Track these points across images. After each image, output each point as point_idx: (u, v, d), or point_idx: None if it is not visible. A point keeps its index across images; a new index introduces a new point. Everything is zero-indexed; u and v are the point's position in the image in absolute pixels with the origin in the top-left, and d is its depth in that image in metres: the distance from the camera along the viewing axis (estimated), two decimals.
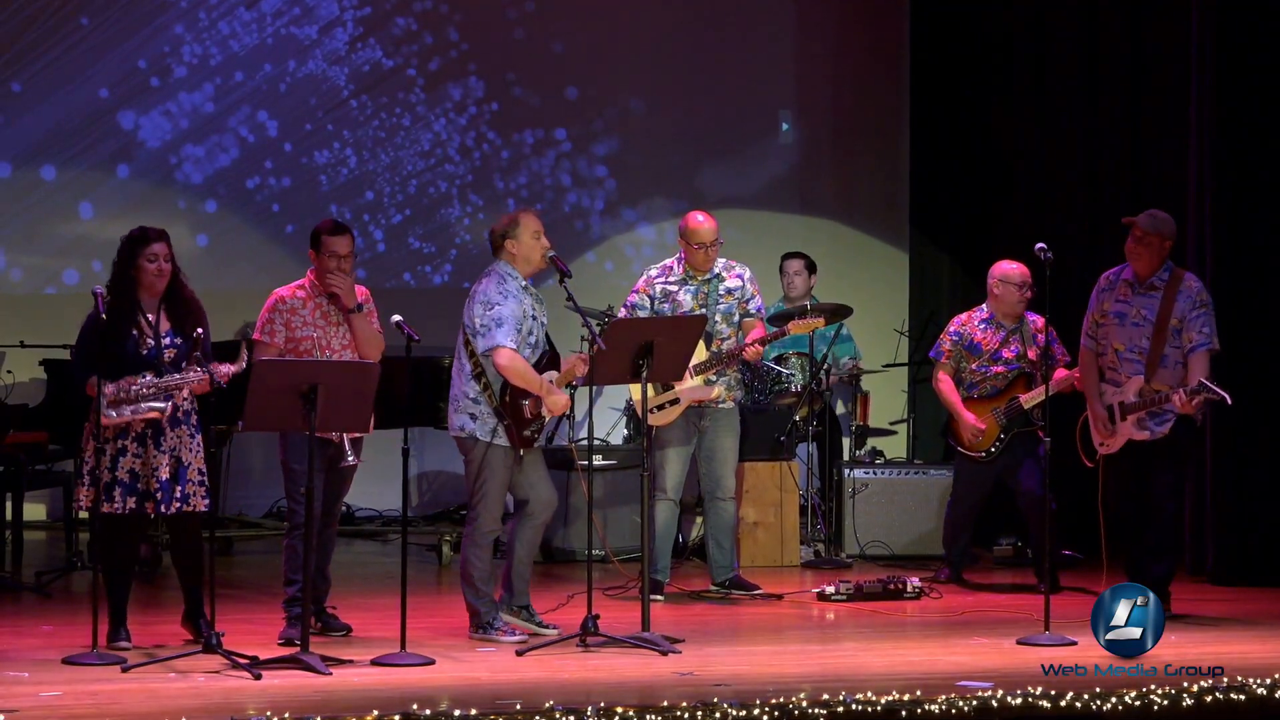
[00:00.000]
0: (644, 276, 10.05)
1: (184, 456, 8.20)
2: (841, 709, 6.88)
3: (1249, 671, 7.51)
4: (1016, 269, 10.32)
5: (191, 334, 8.16)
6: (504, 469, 8.56)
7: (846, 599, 9.82)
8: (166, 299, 8.27)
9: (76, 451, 8.41)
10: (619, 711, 6.75)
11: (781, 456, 11.35)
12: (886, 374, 12.90)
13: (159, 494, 8.13)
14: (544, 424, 8.66)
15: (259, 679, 7.56)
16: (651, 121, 13.86)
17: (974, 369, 10.39)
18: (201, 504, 8.25)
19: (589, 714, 6.72)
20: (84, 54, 13.00)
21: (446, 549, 11.35)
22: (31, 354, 11.84)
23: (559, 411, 8.63)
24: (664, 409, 9.80)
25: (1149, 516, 9.20)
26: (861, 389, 12.34)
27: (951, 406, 10.42)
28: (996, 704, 7.03)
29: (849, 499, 11.58)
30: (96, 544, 8.69)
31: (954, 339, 10.47)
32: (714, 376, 9.88)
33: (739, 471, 10.24)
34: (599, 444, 11.52)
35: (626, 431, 12.07)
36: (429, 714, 6.69)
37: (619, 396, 11.84)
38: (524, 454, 8.57)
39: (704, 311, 9.79)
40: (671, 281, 9.94)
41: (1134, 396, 9.18)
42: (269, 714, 6.65)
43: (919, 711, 6.89)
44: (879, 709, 6.90)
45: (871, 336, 12.94)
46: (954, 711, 6.92)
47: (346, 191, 13.44)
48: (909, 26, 13.87)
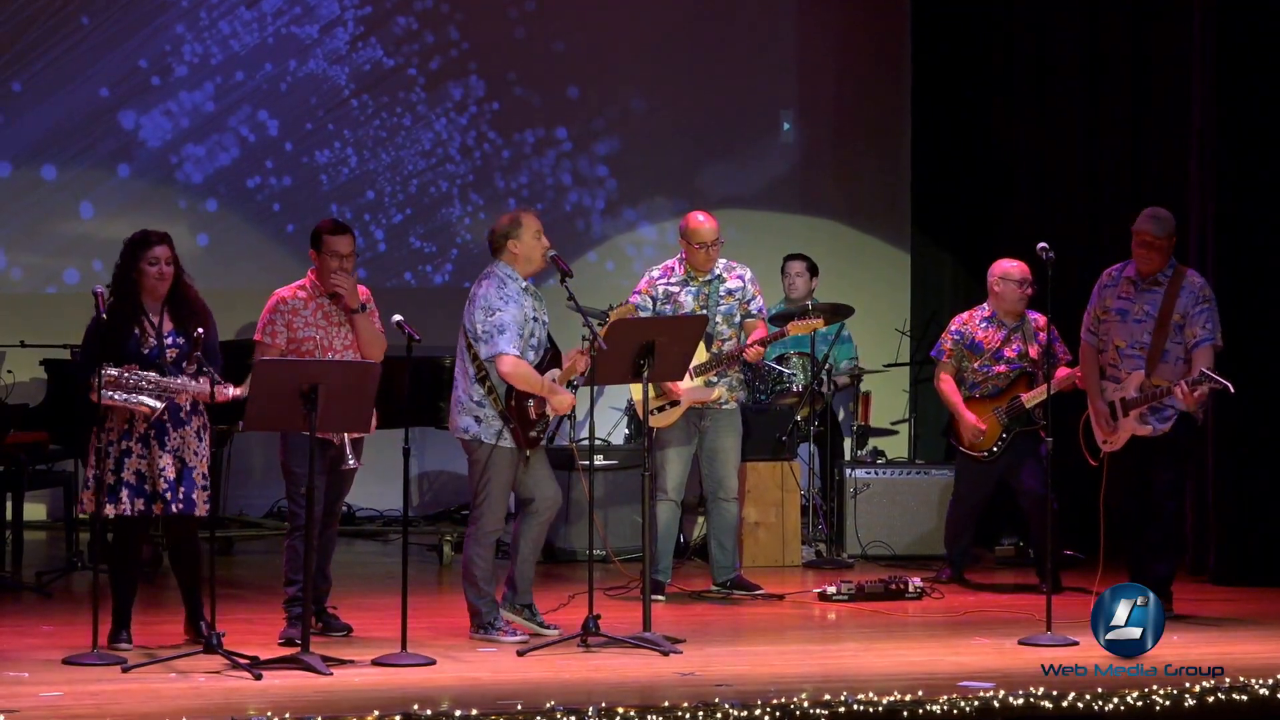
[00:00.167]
0: (645, 277, 10.05)
1: (188, 458, 8.21)
2: (843, 709, 6.88)
3: (1250, 672, 7.51)
4: (1017, 266, 10.33)
5: (193, 334, 8.16)
6: (508, 470, 8.56)
7: (848, 599, 9.83)
8: (170, 301, 8.27)
9: (83, 456, 8.40)
10: (620, 712, 6.75)
11: (783, 456, 11.35)
12: (888, 374, 12.89)
13: (166, 493, 8.13)
14: (549, 423, 8.66)
15: (259, 679, 7.56)
16: (652, 121, 13.85)
17: (976, 368, 10.39)
18: (203, 508, 8.25)
19: (590, 714, 6.72)
20: (84, 53, 12.99)
21: (447, 549, 11.35)
22: (32, 354, 11.84)
23: (564, 410, 8.64)
24: (664, 410, 9.80)
25: (1150, 515, 9.21)
26: (863, 389, 12.34)
27: (953, 406, 10.42)
28: (998, 704, 7.02)
29: (850, 499, 11.58)
30: (98, 545, 8.70)
31: (955, 338, 10.47)
32: (715, 378, 9.89)
33: (741, 472, 10.24)
34: (600, 444, 11.52)
35: (627, 431, 12.07)
36: (430, 714, 6.69)
37: (620, 396, 11.84)
38: (530, 454, 8.59)
39: (705, 312, 9.79)
40: (673, 282, 9.94)
41: (1135, 392, 9.18)
42: (269, 714, 6.65)
43: (920, 712, 6.89)
44: (880, 709, 6.90)
45: (873, 336, 12.93)
46: (956, 712, 6.92)
47: (347, 191, 13.44)
48: (910, 26, 13.86)
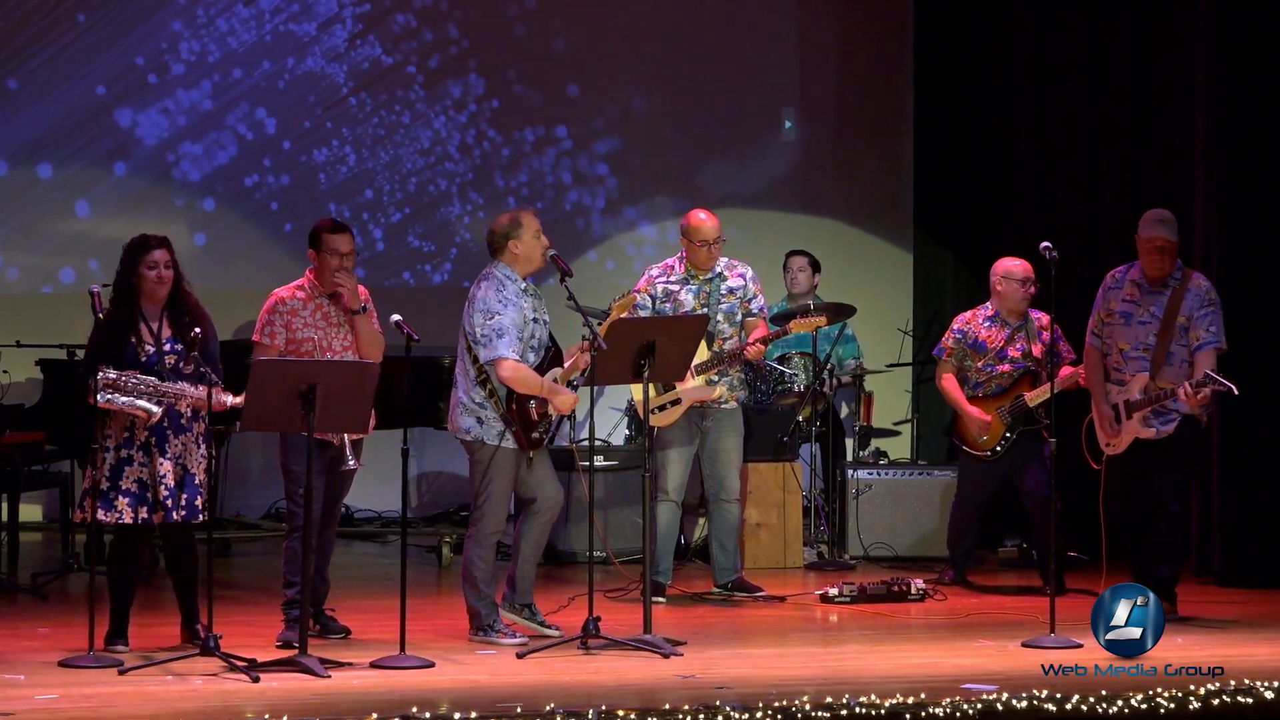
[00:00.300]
0: (645, 276, 10.04)
1: (190, 465, 8.19)
2: (845, 712, 6.87)
3: (1251, 673, 7.51)
4: (1019, 265, 10.31)
5: (190, 337, 8.14)
6: (510, 471, 8.55)
7: (850, 601, 9.82)
8: (170, 307, 8.25)
9: (81, 460, 8.38)
10: (620, 714, 6.75)
11: (784, 457, 11.34)
12: (890, 374, 12.88)
13: (167, 500, 8.12)
14: (552, 423, 8.65)
15: (257, 682, 7.56)
16: (653, 119, 13.84)
17: (979, 367, 10.38)
18: (201, 515, 8.24)
19: (590, 717, 6.72)
20: (81, 51, 12.98)
21: (446, 550, 11.35)
22: (28, 354, 11.82)
23: (566, 410, 8.62)
24: (665, 409, 9.79)
25: (1152, 517, 9.20)
26: (865, 389, 12.33)
27: (955, 403, 10.40)
28: (1001, 707, 7.02)
29: (852, 500, 11.57)
30: (95, 547, 8.69)
31: (957, 337, 10.46)
32: (716, 377, 9.88)
33: (742, 473, 10.23)
34: (600, 444, 11.51)
35: (628, 432, 12.06)
36: (429, 717, 6.69)
37: (620, 397, 11.83)
38: (533, 455, 8.59)
39: (706, 311, 9.78)
40: (673, 281, 9.93)
41: (1139, 394, 9.17)
42: (267, 717, 6.65)
43: (923, 715, 6.89)
44: (883, 712, 6.89)
45: (875, 336, 12.92)
46: (958, 715, 6.92)
47: (346, 190, 13.43)
48: (913, 23, 13.85)
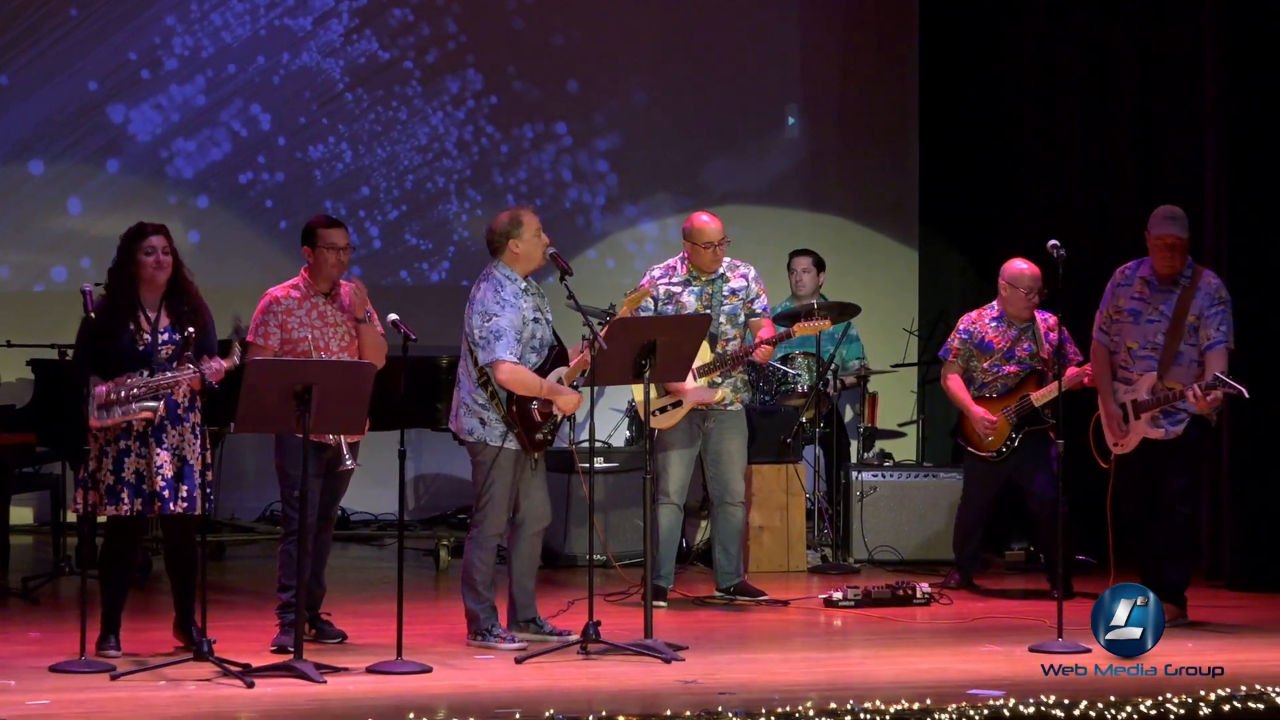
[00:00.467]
0: (646, 276, 10.02)
1: (188, 455, 8.19)
2: (849, 718, 6.87)
3: (1252, 673, 7.52)
4: (1027, 271, 10.25)
5: (186, 334, 8.14)
6: (513, 472, 8.54)
7: (854, 605, 9.81)
8: (169, 296, 8.24)
9: (73, 458, 8.38)
10: None
11: (787, 459, 11.34)
12: (895, 374, 12.88)
13: (165, 492, 8.11)
14: (557, 424, 8.63)
15: (251, 687, 7.54)
16: (654, 115, 13.84)
17: (986, 368, 10.37)
18: (202, 506, 8.23)
19: None
20: (73, 46, 12.98)
21: (444, 554, 11.35)
22: (18, 354, 11.81)
23: (570, 410, 8.61)
24: (667, 411, 9.79)
25: (1161, 519, 9.19)
26: (870, 389, 12.33)
27: (961, 403, 10.40)
28: (1008, 713, 7.01)
29: (856, 502, 11.56)
30: (86, 549, 8.67)
31: (963, 337, 10.44)
32: (719, 379, 9.86)
33: (746, 475, 10.22)
34: (600, 446, 11.51)
35: (628, 433, 12.06)
36: None
37: (621, 398, 11.83)
38: (537, 457, 8.58)
39: (708, 312, 9.76)
40: (675, 282, 9.91)
41: (1147, 394, 9.16)
42: None
43: None
44: (888, 718, 6.89)
45: (880, 336, 12.91)
46: None
47: (342, 187, 13.43)
48: (918, 17, 13.85)
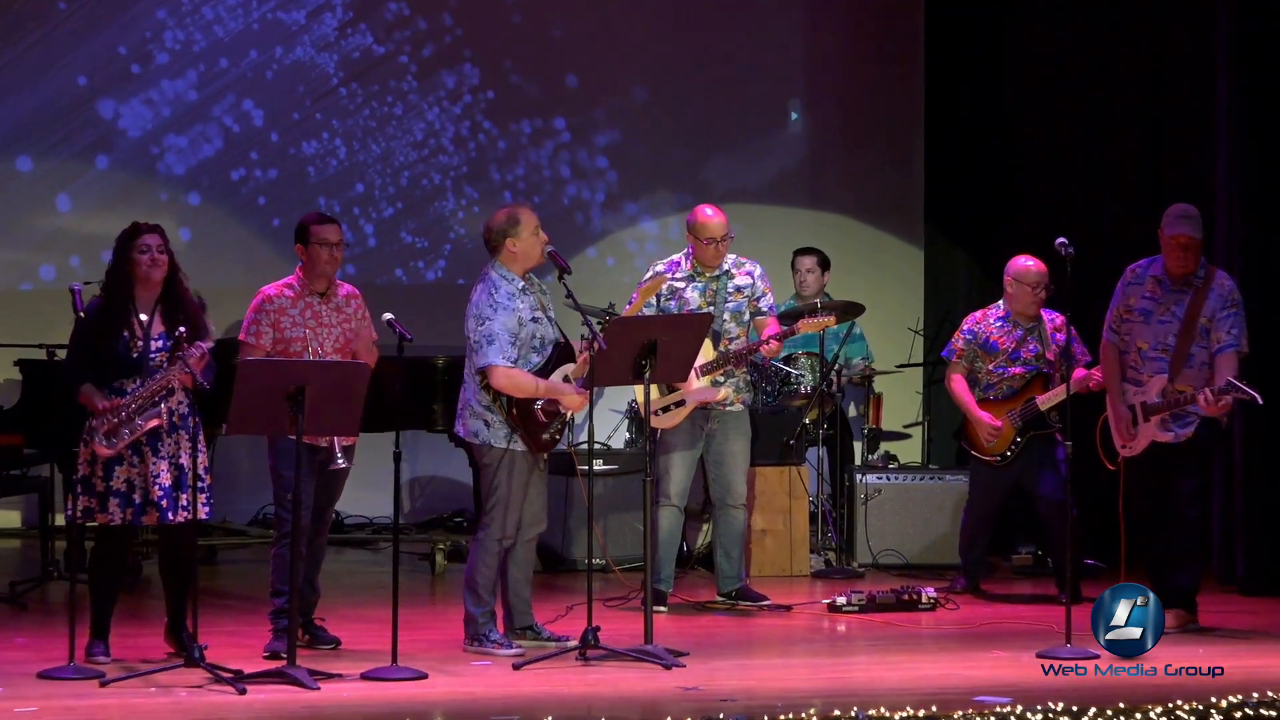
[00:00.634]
0: (650, 272, 10.01)
1: (184, 461, 8.17)
2: None
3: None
4: (1034, 267, 10.25)
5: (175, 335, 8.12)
6: (521, 474, 8.51)
7: (858, 610, 9.81)
8: (163, 299, 8.22)
9: (63, 461, 8.37)
10: None
11: (790, 461, 11.33)
12: (900, 375, 12.88)
13: (163, 501, 8.09)
14: (565, 422, 8.59)
15: (243, 694, 7.54)
16: (655, 111, 13.83)
17: (991, 369, 10.36)
18: (203, 511, 8.22)
19: None
20: (61, 39, 12.97)
21: (440, 558, 11.34)
22: (6, 353, 11.82)
23: (576, 409, 8.57)
24: (669, 411, 9.77)
25: (1171, 523, 9.18)
26: (874, 390, 12.32)
27: (965, 407, 10.39)
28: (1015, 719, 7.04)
29: (861, 505, 11.56)
30: (75, 553, 8.68)
31: (967, 338, 10.43)
32: (722, 378, 9.85)
33: (749, 477, 10.20)
34: (599, 448, 11.50)
35: (628, 434, 12.05)
36: None
37: (621, 398, 11.82)
38: (545, 458, 8.57)
39: (711, 310, 9.75)
40: (679, 277, 9.90)
41: (1156, 397, 9.15)
42: None
43: None
44: None
45: (885, 336, 12.91)
46: None
47: (336, 183, 13.42)
48: (924, 11, 13.84)
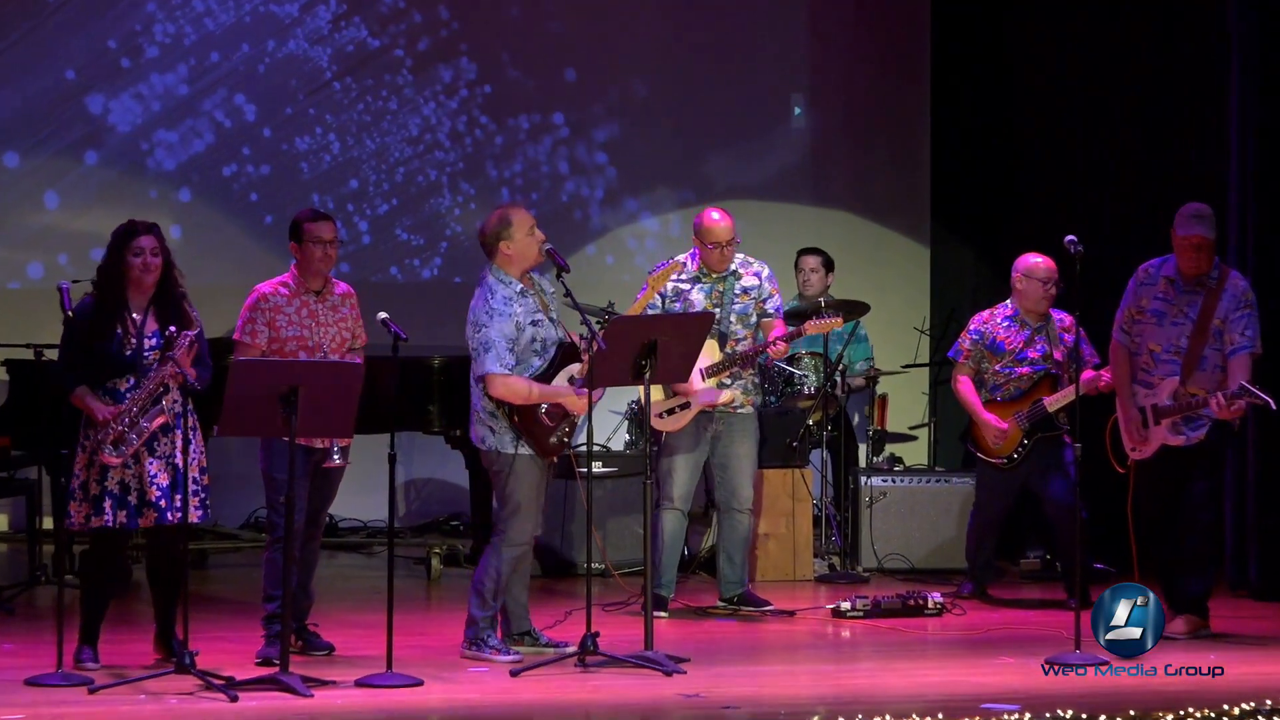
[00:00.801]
0: (666, 261, 9.95)
1: (179, 462, 8.16)
2: None
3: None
4: (1042, 263, 10.26)
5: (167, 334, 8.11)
6: (533, 476, 8.47)
7: (863, 615, 9.80)
8: (157, 299, 8.21)
9: (55, 464, 8.37)
10: None
11: (794, 463, 11.32)
12: (906, 375, 12.87)
13: (161, 502, 8.09)
14: (573, 424, 8.56)
15: (235, 701, 7.53)
16: (655, 105, 13.83)
17: (997, 370, 10.35)
18: (196, 514, 8.21)
19: None
20: (49, 33, 12.97)
21: (435, 562, 11.33)
22: None
23: (579, 410, 8.54)
24: (674, 413, 9.76)
25: (1182, 527, 9.17)
26: (879, 391, 12.31)
27: (971, 409, 10.38)
28: None
29: (866, 509, 11.56)
30: (64, 557, 8.68)
31: (974, 338, 10.42)
32: (728, 380, 9.83)
33: (756, 481, 10.17)
34: (599, 450, 11.49)
35: (628, 436, 12.03)
36: None
37: (621, 399, 11.81)
38: (555, 461, 8.57)
39: (716, 310, 9.73)
40: (684, 279, 9.87)
41: (1168, 399, 9.14)
42: None
43: None
44: None
45: (890, 335, 12.91)
46: None
47: (329, 180, 13.42)
48: (930, 8, 13.84)
